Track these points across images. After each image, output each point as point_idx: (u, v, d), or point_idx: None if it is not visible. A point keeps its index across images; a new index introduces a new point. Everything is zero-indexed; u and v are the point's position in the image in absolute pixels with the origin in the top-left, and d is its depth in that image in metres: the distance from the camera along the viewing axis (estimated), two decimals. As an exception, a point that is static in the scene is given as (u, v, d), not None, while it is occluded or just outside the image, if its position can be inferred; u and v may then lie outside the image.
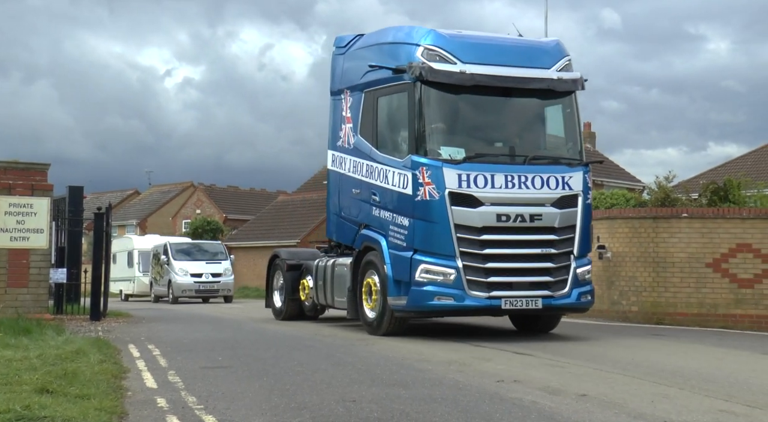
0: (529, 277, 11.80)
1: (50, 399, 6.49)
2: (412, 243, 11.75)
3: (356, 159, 13.22)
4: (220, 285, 31.58)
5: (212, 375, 8.48)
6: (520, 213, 11.71)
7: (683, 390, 7.58)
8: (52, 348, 9.87)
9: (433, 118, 11.98)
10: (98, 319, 16.14)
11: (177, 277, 31.08)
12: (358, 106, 13.25)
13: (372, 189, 12.68)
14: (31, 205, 14.49)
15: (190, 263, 31.63)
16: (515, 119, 12.80)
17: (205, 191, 65.87)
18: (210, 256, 32.72)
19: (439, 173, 11.53)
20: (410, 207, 11.76)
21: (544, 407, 6.66)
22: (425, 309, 11.84)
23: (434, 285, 11.53)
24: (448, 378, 8.22)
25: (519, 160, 12.07)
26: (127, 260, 37.45)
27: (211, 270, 31.57)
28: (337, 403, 6.76)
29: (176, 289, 30.99)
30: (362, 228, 13.09)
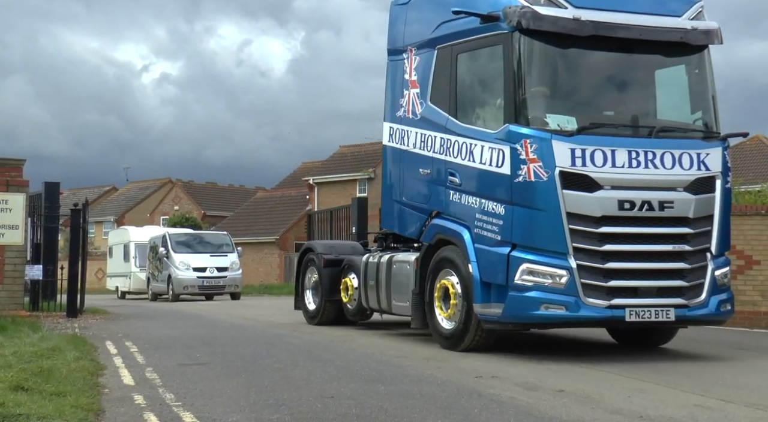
0: (658, 281, 9.38)
1: (26, 396, 6.46)
2: (510, 237, 9.30)
3: (425, 132, 10.85)
4: (227, 280, 28.27)
5: (190, 372, 8.46)
6: (648, 199, 9.28)
7: (659, 386, 7.65)
8: (27, 345, 9.80)
9: (538, 77, 9.64)
10: (75, 316, 16.06)
11: (178, 272, 27.73)
12: (429, 67, 10.86)
13: (449, 168, 10.26)
14: (6, 201, 14.36)
15: (192, 256, 28.22)
16: (637, 80, 10.31)
17: (183, 187, 65.61)
18: (214, 248, 29.50)
19: (548, 147, 9.09)
20: (507, 190, 9.32)
21: (522, 402, 6.70)
22: (528, 320, 9.35)
23: (540, 291, 9.08)
24: (426, 374, 8.25)
25: (643, 132, 9.62)
26: (123, 254, 34.70)
27: (216, 264, 28.27)
28: (316, 399, 6.77)
29: (177, 286, 27.74)
30: (433, 216, 10.73)
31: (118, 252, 35.66)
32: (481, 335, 9.92)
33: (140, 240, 33.43)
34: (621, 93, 10.29)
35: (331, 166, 52.38)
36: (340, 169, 50.85)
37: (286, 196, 55.94)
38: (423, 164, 10.87)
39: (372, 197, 39.64)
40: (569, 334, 12.65)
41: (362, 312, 13.20)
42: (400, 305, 11.58)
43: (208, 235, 31.87)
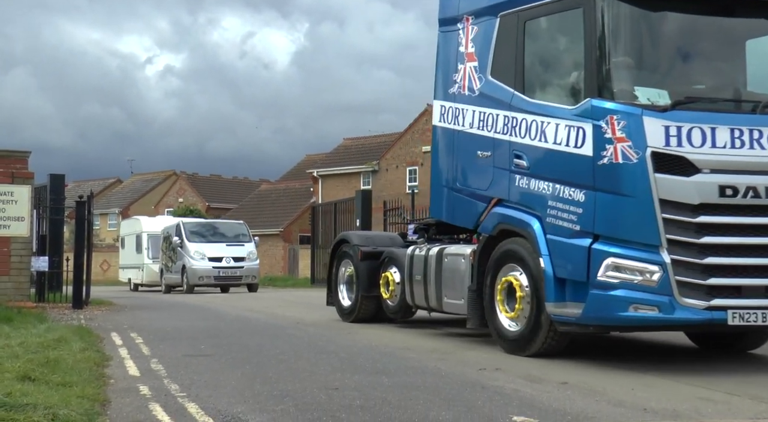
0: (764, 279, 8.04)
1: (32, 386, 6.49)
2: (591, 227, 8.11)
3: (485, 109, 9.66)
4: (244, 271, 27.02)
5: (195, 363, 8.49)
6: (753, 184, 8.00)
7: (662, 379, 7.66)
8: (33, 336, 9.84)
9: (625, 45, 8.44)
10: (80, 307, 16.11)
11: (193, 262, 26.53)
12: (489, 37, 9.67)
13: (514, 149, 9.09)
14: (11, 193, 14.41)
15: (207, 245, 27.08)
16: (738, 48, 8.92)
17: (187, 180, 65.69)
18: (230, 238, 28.29)
19: (638, 124, 7.91)
20: (589, 173, 8.14)
21: (526, 394, 6.72)
22: (614, 322, 8.15)
23: (628, 289, 7.86)
24: (430, 366, 8.27)
25: (747, 108, 8.37)
26: (136, 245, 33.63)
27: (232, 254, 27.07)
28: (320, 391, 6.79)
29: (191, 276, 26.48)
30: (494, 204, 9.52)
31: (130, 243, 34.64)
32: (554, 338, 8.70)
33: (153, 230, 32.35)
34: (717, 63, 8.94)
35: (335, 159, 52.40)
36: (345, 161, 50.88)
37: (290, 188, 55.99)
38: (482, 146, 9.66)
39: (376, 190, 39.75)
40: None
41: (405, 310, 12.00)
42: (453, 303, 10.36)
43: (224, 224, 30.44)
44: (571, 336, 8.84)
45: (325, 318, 14.23)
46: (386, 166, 47.03)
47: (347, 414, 5.92)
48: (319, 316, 14.67)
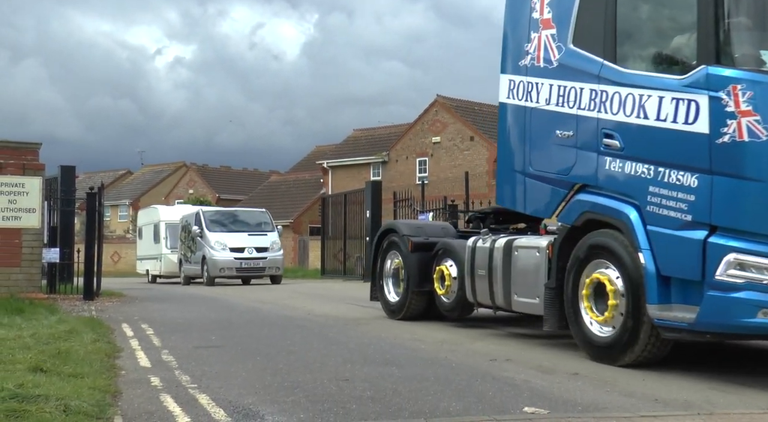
0: None
1: (44, 377, 6.51)
2: (708, 217, 6.93)
3: (565, 83, 8.57)
4: (267, 262, 25.67)
5: (206, 354, 8.51)
6: None
7: (674, 369, 7.63)
8: (45, 327, 9.89)
9: (745, 3, 7.09)
10: (91, 299, 16.17)
11: (213, 253, 25.21)
12: (570, 1, 8.58)
13: (604, 127, 7.96)
14: (22, 185, 14.45)
15: (228, 235, 25.77)
16: None
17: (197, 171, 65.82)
18: (252, 227, 26.95)
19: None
20: (704, 154, 6.97)
21: (536, 385, 6.71)
22: (737, 329, 6.87)
23: (756, 290, 6.62)
24: (440, 357, 8.26)
25: None
26: (153, 235, 32.18)
27: (255, 244, 25.73)
28: (330, 382, 6.79)
29: (212, 268, 25.19)
30: (576, 190, 8.48)
31: (147, 233, 33.22)
32: (655, 345, 7.51)
33: (171, 219, 31.03)
34: None
35: (344, 150, 52.39)
36: (354, 152, 50.86)
37: (300, 179, 56.03)
38: (562, 124, 8.57)
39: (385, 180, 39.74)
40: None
41: (464, 307, 10.82)
42: (525, 302, 9.23)
43: (245, 213, 29.00)
44: (672, 343, 7.60)
45: (335, 309, 14.26)
46: (396, 157, 46.99)
47: (358, 405, 5.92)
48: (329, 308, 14.69)
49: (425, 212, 21.74)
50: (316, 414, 5.64)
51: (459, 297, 10.73)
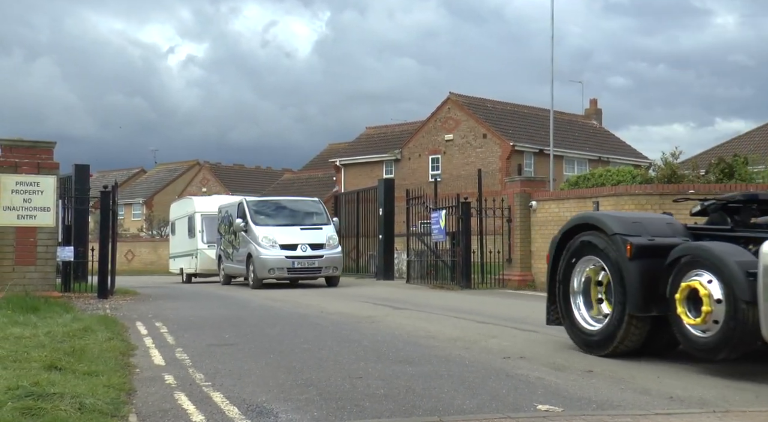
0: None
1: (59, 375, 6.53)
2: None
3: None
4: (324, 261, 21.50)
5: (219, 352, 8.52)
6: None
7: (689, 367, 7.58)
8: (60, 325, 9.93)
9: None
10: (105, 297, 16.23)
11: (261, 251, 21.23)
12: None
13: None
14: (37, 184, 14.50)
15: (278, 230, 21.73)
16: None
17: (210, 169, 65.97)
18: (305, 220, 22.85)
19: None
20: None
21: (550, 383, 6.69)
22: None
23: None
24: (454, 354, 8.25)
25: None
26: (188, 228, 28.66)
27: (309, 240, 21.55)
28: (344, 380, 6.79)
29: (260, 268, 21.13)
30: None
31: (181, 227, 29.70)
32: None
33: (208, 210, 27.46)
34: None
35: (357, 148, 52.37)
36: (367, 150, 50.83)
37: (313, 177, 56.06)
38: None
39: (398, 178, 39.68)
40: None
41: (736, 345, 7.04)
42: None
43: (296, 202, 24.59)
44: None
45: (348, 307, 14.26)
46: (409, 155, 46.95)
47: (371, 402, 5.92)
48: (342, 305, 14.69)
49: (438, 210, 21.70)
50: (330, 412, 5.64)
51: (728, 331, 7.00)
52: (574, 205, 18.33)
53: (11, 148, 14.71)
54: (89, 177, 18.98)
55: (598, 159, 45.39)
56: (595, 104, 52.84)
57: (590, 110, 52.21)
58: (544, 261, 19.02)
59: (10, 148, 14.70)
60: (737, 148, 33.69)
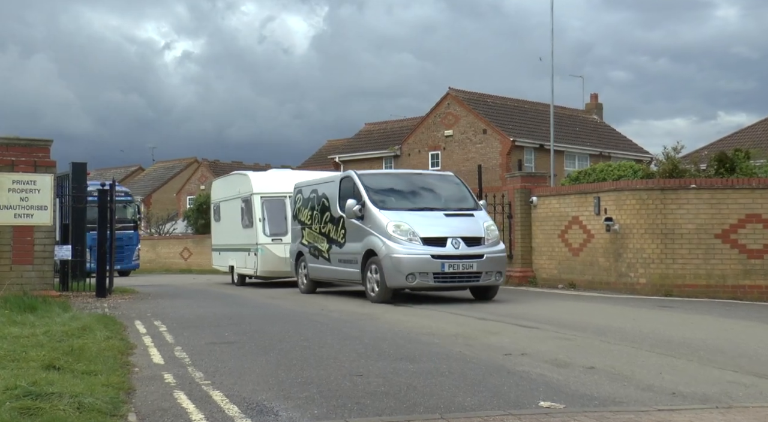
0: None
1: (57, 375, 6.54)
2: None
3: None
4: (484, 263, 14.42)
5: (218, 350, 8.53)
6: None
7: (691, 362, 7.60)
8: (58, 324, 9.93)
9: None
10: (104, 296, 16.23)
11: (394, 246, 14.25)
12: None
13: None
14: (34, 182, 14.49)
15: (415, 216, 14.76)
16: None
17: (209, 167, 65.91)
18: (447, 202, 15.66)
19: None
20: None
21: (552, 379, 6.69)
22: None
23: None
24: (455, 351, 8.26)
25: None
26: (241, 215, 22.00)
27: (461, 231, 14.55)
28: (344, 378, 6.80)
29: (393, 272, 14.17)
30: None
31: (230, 212, 23.28)
32: None
33: (272, 191, 21.16)
34: None
35: (356, 144, 52.35)
36: (366, 146, 50.81)
37: (312, 174, 55.99)
38: None
39: (398, 174, 39.62)
40: (596, 312, 12.59)
41: None
42: None
43: (427, 178, 16.85)
44: None
45: (348, 304, 14.26)
46: (408, 151, 46.95)
47: (372, 400, 5.92)
48: (342, 302, 14.69)
49: None
50: (330, 409, 5.64)
51: None
52: (575, 200, 18.34)
53: (7, 146, 14.69)
54: (87, 175, 18.95)
55: (599, 154, 45.39)
56: (595, 99, 52.82)
57: (591, 105, 52.17)
58: (545, 258, 19.16)
59: (7, 147, 14.68)
60: (740, 141, 33.68)
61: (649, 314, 12.19)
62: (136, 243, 32.38)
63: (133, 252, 31.89)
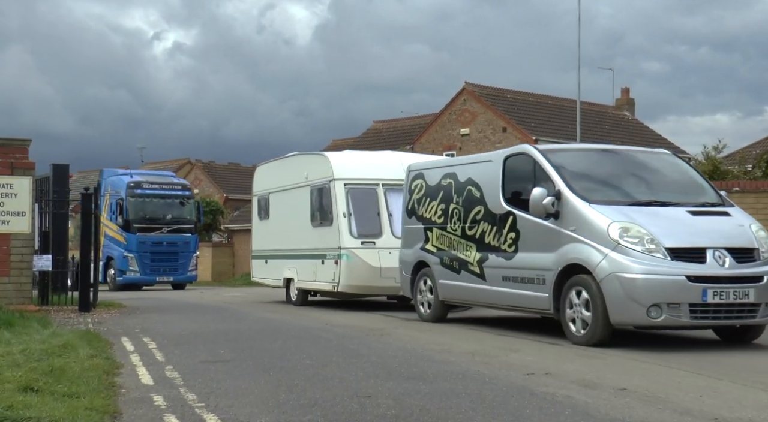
0: None
1: (36, 398, 6.54)
2: None
3: None
4: (763, 290, 10.16)
5: (213, 369, 8.53)
6: None
7: (735, 384, 7.56)
8: (37, 342, 9.95)
9: None
10: (88, 310, 16.26)
11: (623, 261, 10.10)
12: None
13: None
14: (11, 186, 14.54)
15: (645, 215, 10.67)
16: None
17: (203, 169, 66.10)
18: (676, 193, 11.71)
19: None
20: None
21: (580, 402, 6.67)
22: None
23: None
24: (471, 370, 8.24)
25: None
26: (311, 210, 18.04)
27: (722, 241, 10.39)
28: (351, 399, 6.79)
29: (623, 302, 10.02)
30: None
31: (289, 205, 19.41)
32: None
33: (363, 177, 17.33)
34: None
35: (364, 143, 52.40)
36: (375, 146, 50.80)
37: (316, 176, 56.07)
38: None
39: (410, 177, 39.68)
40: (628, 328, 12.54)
41: None
42: None
43: (640, 155, 12.91)
44: None
45: (355, 318, 14.26)
46: (421, 151, 46.93)
47: (381, 425, 5.91)
48: (348, 317, 14.70)
49: None
50: (336, 435, 5.63)
51: None
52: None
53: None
54: (69, 178, 19.04)
55: (630, 154, 45.28)
56: (627, 93, 52.77)
57: (622, 100, 52.14)
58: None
59: (-19, 147, 14.75)
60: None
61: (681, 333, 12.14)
62: (194, 249, 31.24)
63: (190, 260, 30.80)
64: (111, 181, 30.83)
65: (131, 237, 29.41)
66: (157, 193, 30.53)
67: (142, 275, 29.65)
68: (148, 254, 29.54)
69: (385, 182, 17.01)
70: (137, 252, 29.41)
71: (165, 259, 30.01)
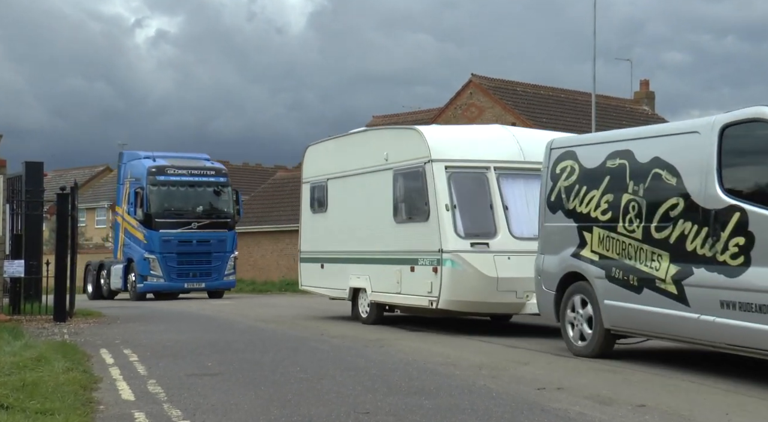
0: None
1: (6, 415, 6.55)
2: None
3: None
4: None
5: (200, 383, 8.53)
6: None
7: (764, 401, 7.55)
8: (7, 354, 9.94)
9: None
10: (64, 320, 16.25)
11: None
12: None
13: None
14: (-19, 185, 14.54)
15: None
16: None
17: (188, 167, 66.06)
18: None
19: None
20: None
21: (595, 419, 6.67)
22: None
23: None
24: (478, 384, 8.24)
25: None
26: (394, 201, 15.20)
27: None
28: (348, 416, 6.79)
29: None
30: None
31: (360, 195, 16.51)
32: None
33: (469, 159, 14.38)
34: None
35: (362, 140, 52.49)
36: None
37: (310, 175, 56.09)
38: None
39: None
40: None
41: None
42: None
43: None
44: None
45: (353, 328, 14.26)
46: (423, 147, 47.08)
47: (380, 443, 5.91)
48: (345, 326, 14.69)
49: None
50: (331, 454, 5.63)
51: None
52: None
53: (-50, 143, 14.77)
54: (43, 176, 19.03)
55: None
56: (646, 86, 52.79)
57: (641, 93, 52.17)
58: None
59: (-51, 143, 14.76)
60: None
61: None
62: (231, 249, 27.00)
63: (226, 262, 26.65)
64: (131, 166, 27.19)
65: (153, 234, 25.52)
66: (185, 181, 26.41)
67: (167, 281, 25.75)
68: (173, 255, 25.67)
69: (498, 165, 14.13)
70: (160, 252, 25.52)
71: (195, 262, 26.09)
